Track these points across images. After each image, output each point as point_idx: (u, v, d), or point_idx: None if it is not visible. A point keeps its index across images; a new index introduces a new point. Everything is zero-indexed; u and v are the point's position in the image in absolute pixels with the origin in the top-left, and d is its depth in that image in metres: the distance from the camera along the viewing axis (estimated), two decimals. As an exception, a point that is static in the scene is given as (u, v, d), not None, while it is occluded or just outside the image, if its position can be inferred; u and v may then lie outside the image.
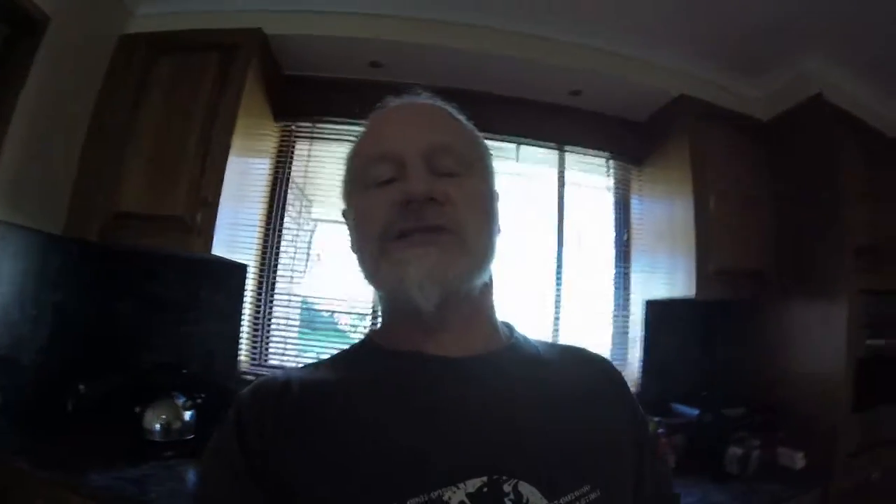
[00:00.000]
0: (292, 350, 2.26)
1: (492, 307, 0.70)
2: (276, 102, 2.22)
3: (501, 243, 0.67)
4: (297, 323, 2.35)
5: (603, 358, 0.75)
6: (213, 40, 1.95)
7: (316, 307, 2.46)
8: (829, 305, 2.09)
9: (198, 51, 1.94)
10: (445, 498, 0.49)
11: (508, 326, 0.73)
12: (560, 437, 0.58)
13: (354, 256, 0.67)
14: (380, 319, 0.73)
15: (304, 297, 2.36)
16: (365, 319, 2.34)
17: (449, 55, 2.10)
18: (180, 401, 1.83)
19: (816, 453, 2.01)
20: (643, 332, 2.43)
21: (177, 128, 1.88)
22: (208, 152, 1.85)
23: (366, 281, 0.65)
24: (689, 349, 2.43)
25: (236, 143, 1.89)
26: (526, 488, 0.51)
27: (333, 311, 2.46)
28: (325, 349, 2.27)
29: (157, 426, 1.77)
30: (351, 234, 0.68)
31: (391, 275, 0.59)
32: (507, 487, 0.51)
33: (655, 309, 2.44)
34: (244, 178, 2.03)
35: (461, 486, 0.50)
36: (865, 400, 2.08)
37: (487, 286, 0.67)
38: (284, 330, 2.27)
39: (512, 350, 0.68)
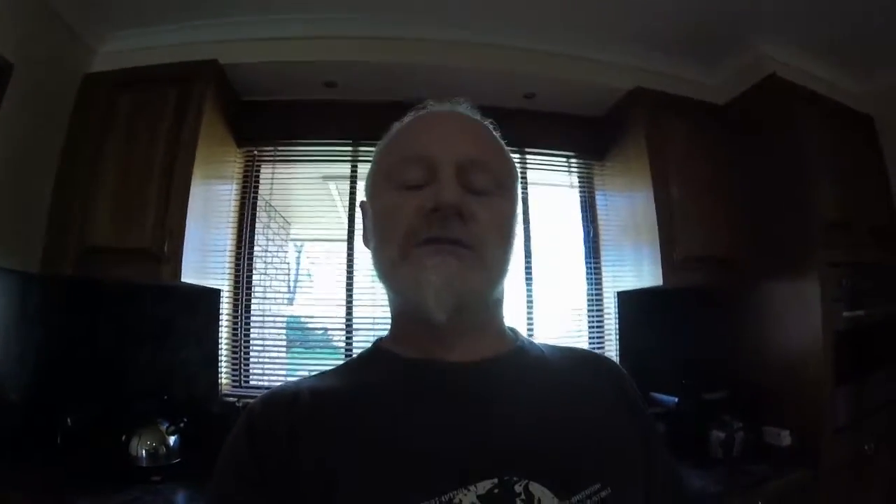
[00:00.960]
0: (278, 370, 2.38)
1: (501, 315, 0.73)
2: (236, 128, 2.35)
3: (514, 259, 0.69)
4: (284, 343, 2.46)
5: (605, 358, 0.79)
6: (171, 74, 2.06)
7: (308, 325, 2.56)
8: (801, 282, 2.17)
9: (156, 85, 2.06)
10: (457, 500, 0.51)
11: (513, 331, 0.75)
12: (569, 437, 0.60)
13: (369, 251, 0.71)
14: (377, 333, 0.79)
15: (291, 316, 2.48)
16: (358, 335, 2.42)
17: (402, 70, 2.23)
18: (164, 426, 1.94)
19: (803, 430, 2.08)
20: (616, 324, 2.54)
21: (140, 161, 2.00)
22: (171, 183, 1.96)
23: (379, 280, 0.69)
24: (666, 338, 2.52)
25: (199, 171, 2.00)
26: (537, 488, 0.53)
27: (327, 329, 2.54)
28: (319, 367, 2.36)
29: (144, 452, 1.88)
30: (368, 229, 0.71)
31: (409, 279, 0.60)
32: (517, 488, 0.53)
33: (628, 300, 2.55)
34: (210, 204, 2.14)
35: (472, 487, 0.52)
36: (852, 371, 2.15)
37: (499, 297, 0.70)
38: (264, 351, 2.38)
39: (518, 354, 0.70)
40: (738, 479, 1.88)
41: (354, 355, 0.75)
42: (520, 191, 0.73)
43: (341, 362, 0.76)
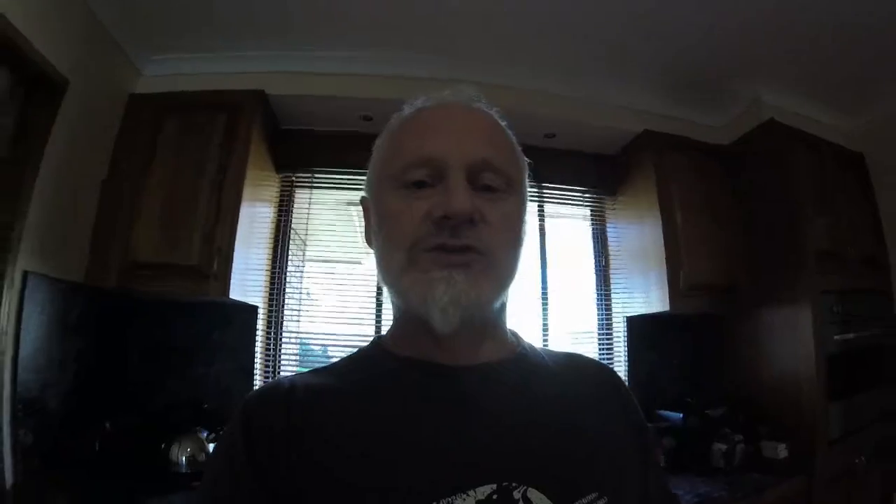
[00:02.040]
0: None
1: (504, 320, 0.73)
2: (275, 154, 2.58)
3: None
4: (309, 357, 2.69)
5: (606, 366, 0.81)
6: (220, 100, 2.29)
7: (309, 343, 2.74)
8: (795, 308, 2.45)
9: (205, 110, 2.28)
10: None
11: (515, 335, 0.76)
12: (568, 445, 0.61)
13: (372, 251, 0.71)
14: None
15: (304, 334, 2.67)
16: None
17: None
18: (203, 434, 2.12)
19: (798, 444, 2.33)
20: (626, 347, 2.82)
21: (187, 182, 2.19)
22: (220, 203, 2.16)
23: (383, 282, 0.68)
24: (671, 359, 2.81)
25: (245, 193, 2.21)
26: (535, 495, 0.55)
27: (326, 346, 2.73)
28: None
29: (183, 459, 2.04)
30: (372, 228, 0.70)
31: (415, 290, 0.60)
32: (516, 494, 0.54)
33: (636, 324, 2.83)
34: (252, 225, 2.35)
35: (471, 493, 0.53)
36: (843, 390, 2.41)
37: (503, 302, 0.70)
38: (292, 365, 2.60)
39: (520, 359, 0.71)
40: (739, 487, 2.10)
41: (353, 352, 0.76)
42: (527, 187, 0.73)
43: (338, 358, 0.76)
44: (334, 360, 0.72)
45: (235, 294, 2.16)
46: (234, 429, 0.59)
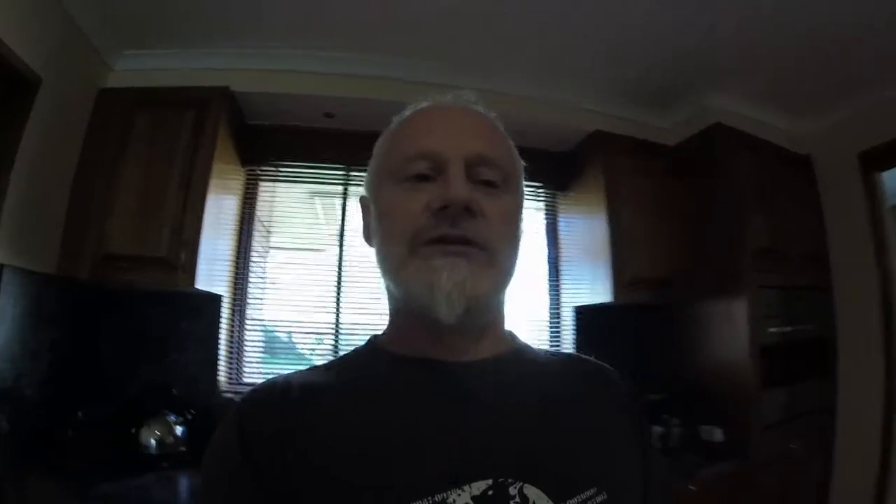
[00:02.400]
0: (264, 370, 2.73)
1: (503, 318, 0.74)
2: (241, 149, 2.70)
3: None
4: (272, 345, 2.84)
5: (607, 367, 0.80)
6: (188, 97, 2.39)
7: (274, 331, 2.88)
8: (733, 301, 2.65)
9: (174, 105, 2.38)
10: (450, 501, 0.52)
11: (511, 334, 0.77)
12: (566, 441, 0.62)
13: (372, 247, 0.72)
14: (359, 336, 0.88)
15: (268, 321, 2.80)
16: (323, 341, 2.81)
17: (393, 107, 2.58)
18: (172, 418, 2.26)
19: (733, 428, 2.53)
20: (574, 335, 3.00)
21: (158, 176, 2.29)
22: (188, 197, 2.27)
23: (384, 277, 0.69)
24: (615, 347, 2.97)
25: (211, 186, 2.32)
26: (532, 491, 0.55)
27: (291, 333, 2.88)
28: (301, 366, 2.74)
29: (153, 441, 2.19)
30: (371, 225, 0.72)
31: (418, 280, 0.61)
32: (512, 490, 0.54)
33: (584, 313, 3.02)
34: (218, 216, 2.47)
35: (466, 488, 0.53)
36: (782, 379, 2.62)
37: (503, 299, 0.72)
38: (256, 352, 2.74)
39: (517, 355, 0.73)
40: (672, 467, 2.28)
41: (349, 351, 0.77)
42: (524, 186, 0.76)
43: (333, 357, 0.77)
44: (301, 348, 0.75)
45: (202, 284, 2.27)
46: (228, 429, 0.60)
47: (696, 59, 2.56)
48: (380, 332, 0.76)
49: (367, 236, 0.75)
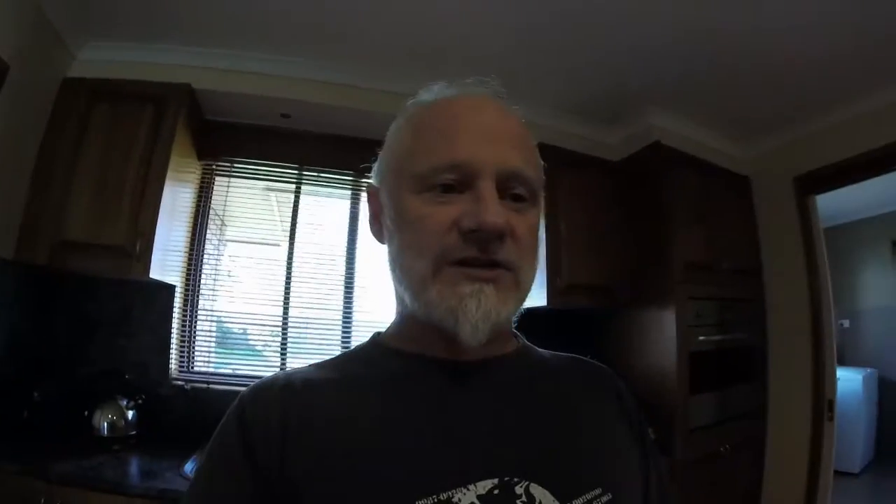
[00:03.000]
0: (215, 360, 2.88)
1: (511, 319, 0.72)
2: (198, 143, 2.82)
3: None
4: (223, 335, 2.97)
5: (605, 367, 0.81)
6: (150, 91, 2.47)
7: (226, 322, 2.99)
8: (663, 310, 2.83)
9: (134, 99, 2.45)
10: (455, 499, 0.53)
11: (516, 334, 0.78)
12: (571, 441, 0.63)
13: (385, 247, 0.70)
14: (310, 330, 0.89)
15: (219, 312, 2.92)
16: (277, 335, 2.93)
17: (346, 112, 2.79)
18: (124, 402, 2.39)
19: (662, 430, 2.67)
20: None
21: (116, 166, 2.36)
22: (145, 188, 2.35)
23: (398, 285, 0.67)
24: (553, 350, 3.08)
25: (168, 179, 2.41)
26: (538, 490, 0.55)
27: (246, 326, 2.99)
28: (252, 358, 2.94)
29: (105, 424, 2.32)
30: (386, 226, 0.69)
31: (444, 303, 0.59)
32: (518, 489, 0.55)
33: (521, 318, 3.10)
34: (173, 208, 2.57)
35: (472, 487, 0.54)
36: (703, 385, 2.79)
37: None
38: (207, 342, 2.89)
39: (522, 355, 0.74)
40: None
41: (352, 347, 0.76)
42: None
43: (338, 353, 0.77)
44: (253, 340, 0.74)
45: (156, 273, 2.36)
46: (229, 425, 0.60)
47: (644, 79, 2.73)
48: (383, 329, 0.76)
49: (378, 233, 0.73)
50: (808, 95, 2.78)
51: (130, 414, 2.38)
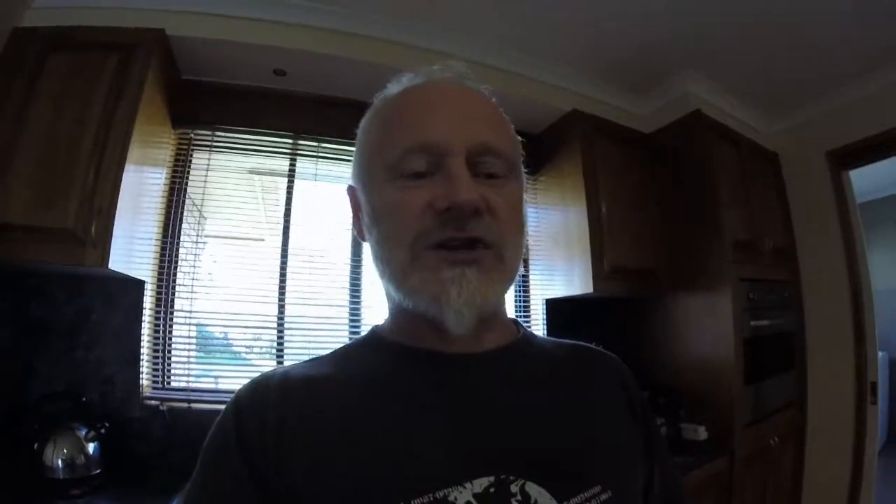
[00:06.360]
0: (195, 371, 2.31)
1: (504, 305, 0.72)
2: (173, 108, 2.29)
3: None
4: (206, 342, 2.42)
5: (613, 357, 0.79)
6: (113, 39, 1.96)
7: (211, 328, 2.46)
8: (716, 294, 2.55)
9: (95, 48, 1.95)
10: (451, 498, 0.52)
11: (516, 322, 0.76)
12: (572, 438, 0.61)
13: (367, 245, 0.68)
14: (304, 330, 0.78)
15: (199, 313, 2.37)
16: (261, 339, 2.45)
17: (354, 66, 2.30)
18: (82, 433, 1.83)
19: (717, 425, 2.44)
20: (545, 329, 2.81)
21: (69, 131, 1.85)
22: (103, 158, 1.85)
23: (382, 279, 0.66)
24: (591, 342, 2.76)
25: (133, 150, 1.92)
26: (534, 489, 0.54)
27: (227, 329, 2.46)
28: (242, 366, 2.44)
29: (59, 462, 1.76)
30: (365, 222, 0.67)
31: (425, 291, 0.59)
32: (514, 488, 0.54)
33: (555, 307, 2.84)
34: (140, 188, 2.06)
35: (468, 485, 0.53)
36: (755, 374, 2.54)
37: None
38: (185, 349, 2.30)
39: (521, 346, 0.71)
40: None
41: (349, 342, 0.74)
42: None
43: (335, 348, 0.73)
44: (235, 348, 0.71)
45: (118, 265, 1.85)
46: (225, 424, 0.58)
47: (677, 43, 2.49)
48: (380, 322, 0.73)
49: (360, 232, 0.71)
50: (843, 63, 2.62)
51: (91, 447, 1.81)
